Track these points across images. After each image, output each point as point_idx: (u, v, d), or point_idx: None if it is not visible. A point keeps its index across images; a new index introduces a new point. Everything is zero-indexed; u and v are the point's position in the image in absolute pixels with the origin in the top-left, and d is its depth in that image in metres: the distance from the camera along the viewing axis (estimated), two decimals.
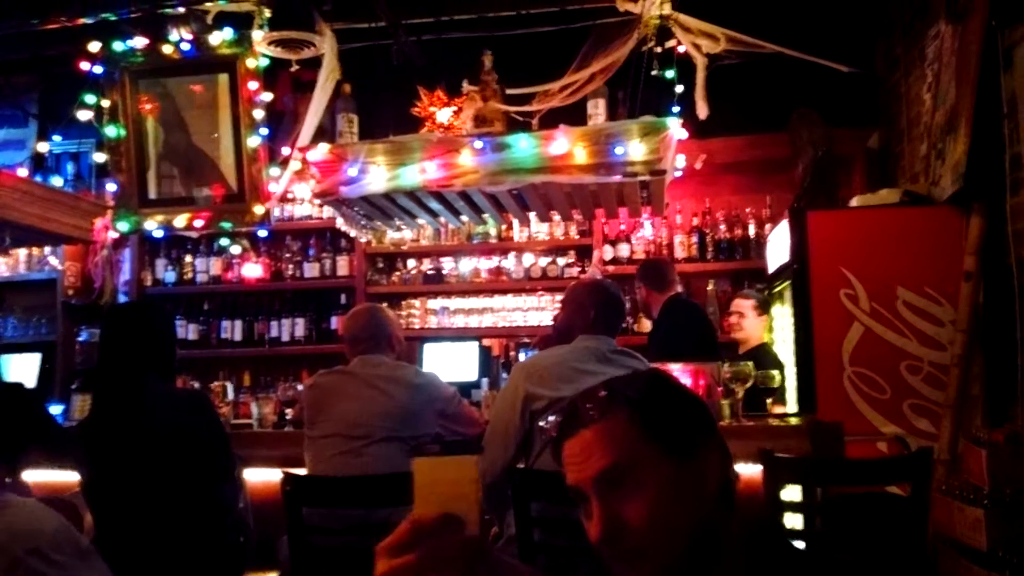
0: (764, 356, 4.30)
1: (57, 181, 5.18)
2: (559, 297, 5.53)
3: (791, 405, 4.03)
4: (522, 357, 4.86)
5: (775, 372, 3.83)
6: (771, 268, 4.71)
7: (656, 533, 1.05)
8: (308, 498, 2.56)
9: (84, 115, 4.18)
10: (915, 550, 2.48)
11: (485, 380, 4.64)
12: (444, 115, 4.02)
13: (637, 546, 1.05)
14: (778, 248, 4.43)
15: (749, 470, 2.76)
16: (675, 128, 3.59)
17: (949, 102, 3.70)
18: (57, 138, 4.71)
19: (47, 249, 5.78)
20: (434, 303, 5.73)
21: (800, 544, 2.70)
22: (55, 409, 4.06)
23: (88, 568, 1.44)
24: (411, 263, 5.82)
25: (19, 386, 3.17)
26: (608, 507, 1.06)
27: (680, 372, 3.39)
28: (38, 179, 4.58)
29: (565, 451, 1.11)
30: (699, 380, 3.35)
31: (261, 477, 3.22)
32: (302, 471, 2.85)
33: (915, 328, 3.70)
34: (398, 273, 5.81)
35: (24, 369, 5.38)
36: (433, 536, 0.92)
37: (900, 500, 2.76)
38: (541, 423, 2.69)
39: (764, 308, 4.62)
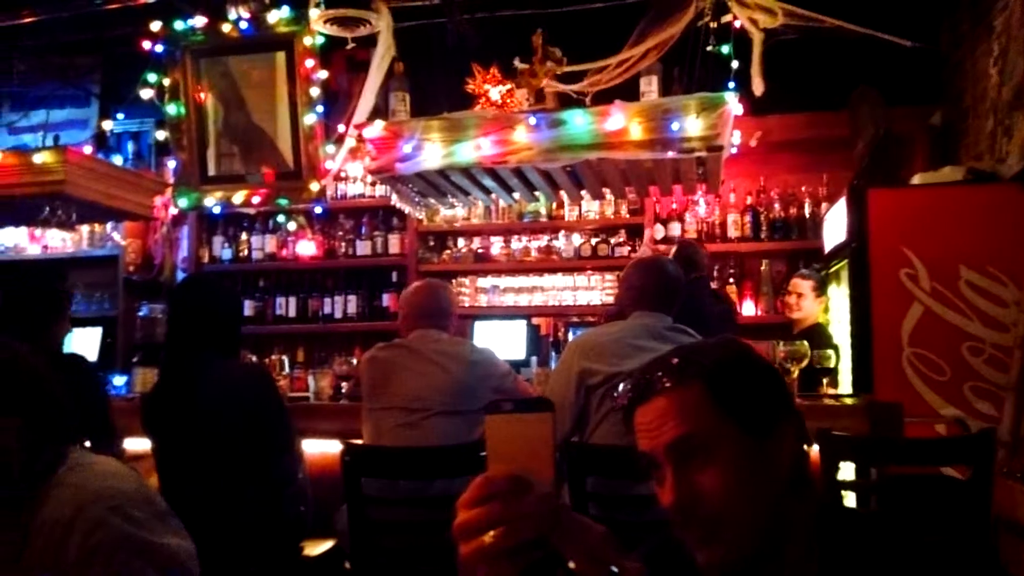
0: (819, 336, 4.24)
1: (118, 160, 5.31)
2: (609, 276, 5.57)
3: (845, 386, 3.97)
4: (571, 336, 4.85)
5: (830, 352, 3.78)
6: (827, 248, 4.64)
7: (729, 505, 1.05)
8: (367, 468, 2.60)
9: (146, 94, 4.27)
10: (976, 534, 2.44)
11: (534, 359, 4.66)
12: (497, 93, 4.01)
13: (710, 515, 1.05)
14: (834, 228, 4.36)
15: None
16: (733, 103, 3.54)
17: (1017, 77, 3.59)
18: (120, 116, 4.80)
19: (109, 226, 5.93)
20: (484, 282, 5.75)
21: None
22: (118, 380, 4.19)
23: (167, 527, 1.46)
24: (461, 242, 5.85)
25: (79, 357, 3.25)
26: (682, 475, 1.07)
27: None
28: (101, 156, 4.69)
29: (637, 418, 1.11)
30: None
31: (318, 449, 3.28)
32: (359, 443, 2.90)
33: (978, 309, 3.62)
34: (448, 251, 5.84)
35: (86, 343, 5.53)
36: (504, 493, 0.92)
37: (959, 483, 2.71)
38: (598, 403, 2.70)
39: (822, 289, 4.56)
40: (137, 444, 3.06)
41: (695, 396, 1.08)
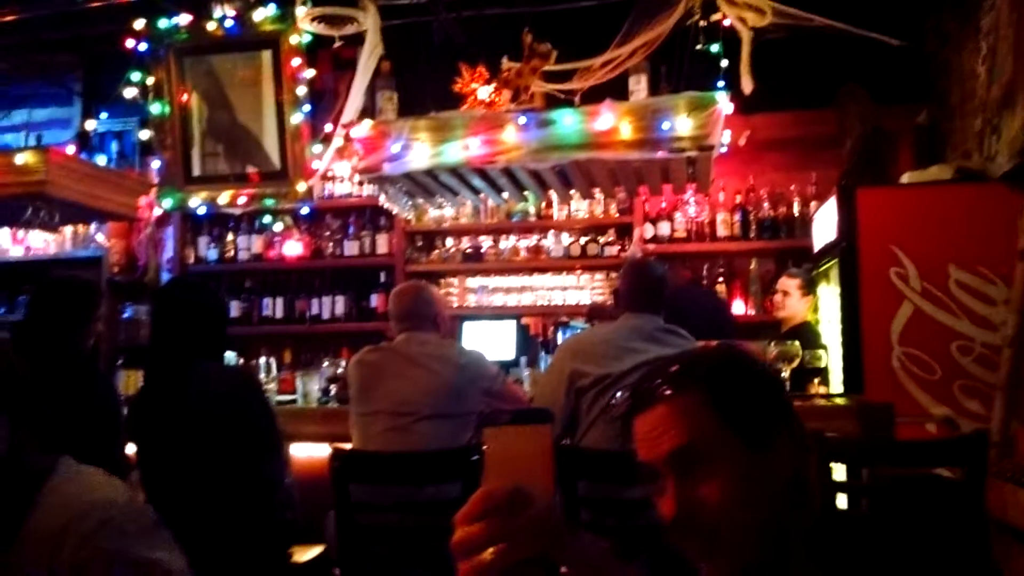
0: (806, 335, 4.23)
1: (101, 160, 5.25)
2: (598, 276, 5.56)
3: (835, 386, 3.97)
4: (560, 336, 4.83)
5: (821, 352, 3.78)
6: (816, 247, 4.64)
7: (731, 516, 1.03)
8: (356, 474, 2.57)
9: (129, 93, 4.22)
10: (970, 535, 2.44)
11: (524, 359, 4.63)
12: (485, 92, 3.99)
13: (712, 526, 1.03)
14: (824, 226, 4.36)
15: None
16: (723, 102, 3.53)
17: (1006, 75, 3.59)
18: (103, 116, 4.75)
19: (93, 227, 5.86)
20: (473, 282, 5.72)
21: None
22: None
23: (159, 541, 1.42)
24: (450, 241, 5.82)
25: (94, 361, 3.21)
26: (683, 485, 1.04)
27: None
28: (84, 156, 4.63)
29: (636, 427, 1.09)
30: None
31: (307, 453, 3.25)
32: (347, 447, 2.87)
33: (967, 308, 3.63)
34: (437, 251, 5.80)
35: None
36: (504, 509, 0.90)
37: (952, 483, 2.71)
38: (588, 405, 2.68)
39: (810, 288, 4.55)
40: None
41: (696, 405, 1.06)
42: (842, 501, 2.84)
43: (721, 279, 5.35)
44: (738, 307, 5.29)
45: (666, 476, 1.06)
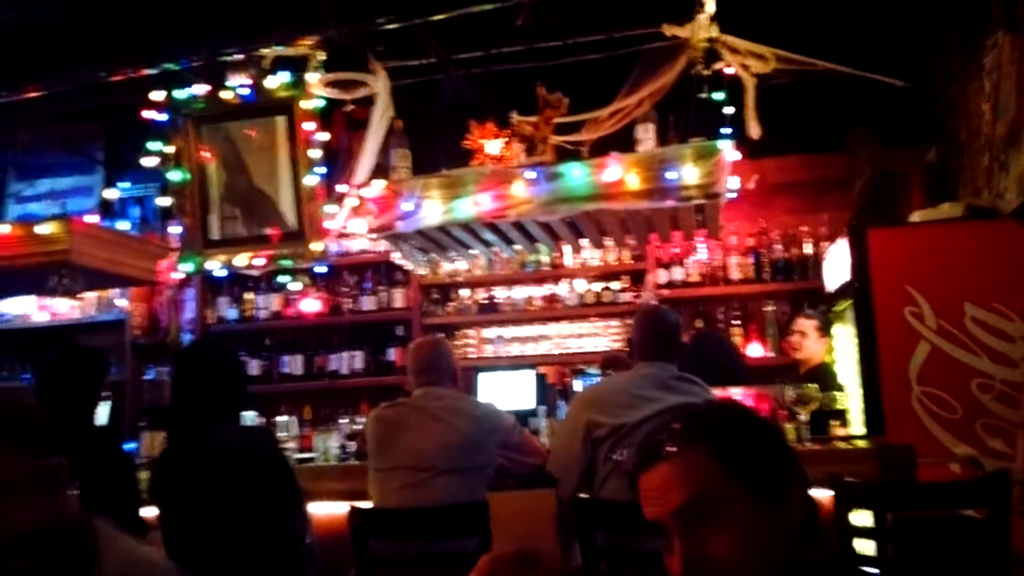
0: (824, 376, 4.22)
1: (124, 225, 5.35)
2: (614, 322, 5.57)
3: (855, 426, 3.94)
4: (578, 383, 4.84)
5: (840, 394, 3.76)
6: (829, 287, 4.63)
7: (741, 570, 1.04)
8: (375, 531, 2.58)
9: (149, 161, 4.33)
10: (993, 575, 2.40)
11: (543, 408, 4.63)
12: (494, 147, 4.06)
13: None
14: (836, 267, 4.36)
15: (816, 495, 2.71)
16: (728, 150, 3.58)
17: (1010, 113, 3.62)
18: (124, 184, 4.87)
19: (115, 291, 5.96)
20: (489, 332, 5.75)
21: (873, 570, 2.64)
22: (127, 447, 4.17)
23: None
24: (465, 293, 5.86)
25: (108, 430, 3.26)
26: (690, 542, 1.05)
27: (742, 396, 3.35)
28: (106, 224, 4.74)
29: (642, 485, 1.11)
30: (762, 404, 3.31)
31: (327, 511, 3.25)
32: (367, 504, 2.88)
33: (985, 345, 3.60)
34: (453, 304, 5.85)
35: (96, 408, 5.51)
36: (511, 572, 0.92)
37: (976, 524, 2.67)
38: (615, 456, 2.68)
39: (826, 329, 4.55)
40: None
41: (702, 461, 1.07)
42: (869, 546, 2.81)
43: (737, 322, 5.35)
44: (755, 350, 5.28)
45: (673, 533, 1.07)
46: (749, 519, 1.05)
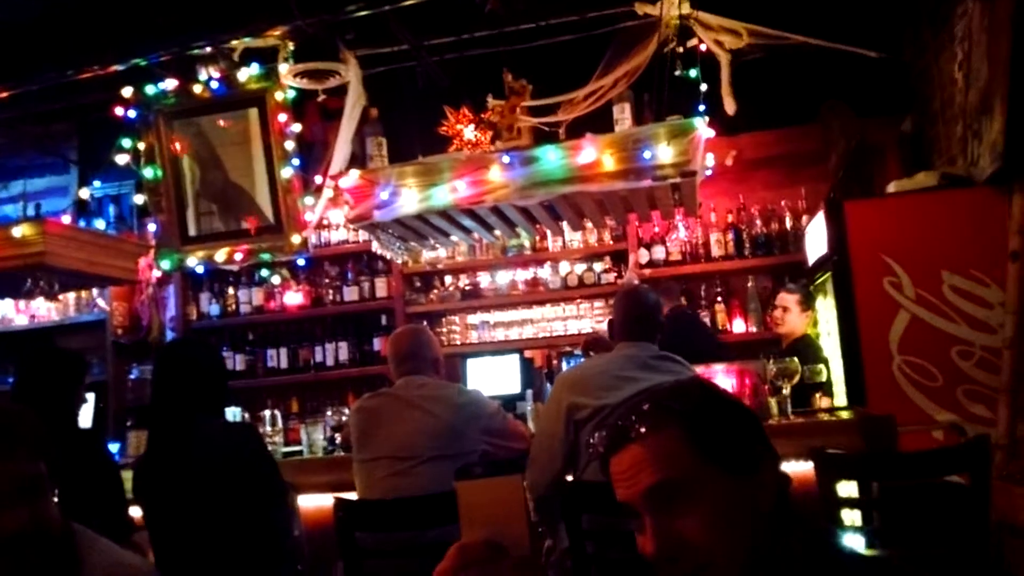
0: (806, 349, 4.25)
1: (100, 224, 5.30)
2: (598, 304, 5.58)
3: (838, 398, 3.97)
4: (565, 366, 4.85)
5: (821, 366, 3.78)
6: (810, 261, 4.65)
7: (714, 549, 1.03)
8: (360, 522, 2.58)
9: (122, 159, 4.28)
10: (978, 540, 2.42)
11: (529, 392, 4.64)
12: (470, 132, 4.04)
13: (696, 561, 1.04)
14: (816, 240, 4.38)
15: (800, 468, 2.73)
16: (702, 128, 3.57)
17: (982, 81, 3.63)
18: (97, 183, 4.82)
19: (94, 291, 5.91)
20: (473, 318, 5.75)
21: (859, 539, 2.66)
22: (111, 447, 4.15)
23: None
24: (448, 280, 5.86)
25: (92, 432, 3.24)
26: (661, 523, 1.05)
27: (725, 372, 3.36)
28: (82, 224, 4.69)
29: (613, 467, 1.11)
30: (744, 379, 3.33)
31: (314, 503, 3.25)
32: (353, 495, 2.88)
33: (964, 312, 3.63)
34: (436, 291, 5.84)
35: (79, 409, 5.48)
36: (480, 561, 0.92)
37: (961, 489, 2.70)
38: (589, 438, 2.68)
39: (808, 302, 4.57)
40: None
41: (672, 441, 1.07)
42: (855, 516, 2.84)
43: (719, 298, 5.36)
44: (739, 325, 5.31)
45: (644, 514, 1.07)
46: (720, 498, 1.05)
